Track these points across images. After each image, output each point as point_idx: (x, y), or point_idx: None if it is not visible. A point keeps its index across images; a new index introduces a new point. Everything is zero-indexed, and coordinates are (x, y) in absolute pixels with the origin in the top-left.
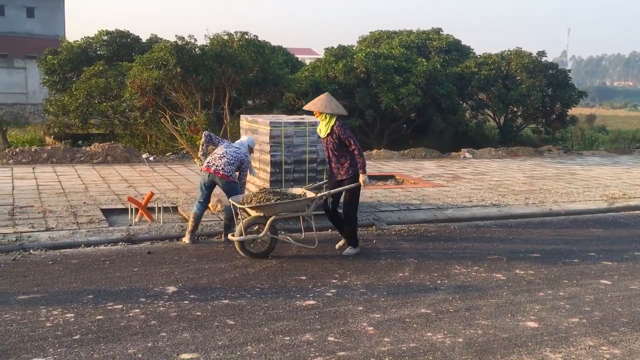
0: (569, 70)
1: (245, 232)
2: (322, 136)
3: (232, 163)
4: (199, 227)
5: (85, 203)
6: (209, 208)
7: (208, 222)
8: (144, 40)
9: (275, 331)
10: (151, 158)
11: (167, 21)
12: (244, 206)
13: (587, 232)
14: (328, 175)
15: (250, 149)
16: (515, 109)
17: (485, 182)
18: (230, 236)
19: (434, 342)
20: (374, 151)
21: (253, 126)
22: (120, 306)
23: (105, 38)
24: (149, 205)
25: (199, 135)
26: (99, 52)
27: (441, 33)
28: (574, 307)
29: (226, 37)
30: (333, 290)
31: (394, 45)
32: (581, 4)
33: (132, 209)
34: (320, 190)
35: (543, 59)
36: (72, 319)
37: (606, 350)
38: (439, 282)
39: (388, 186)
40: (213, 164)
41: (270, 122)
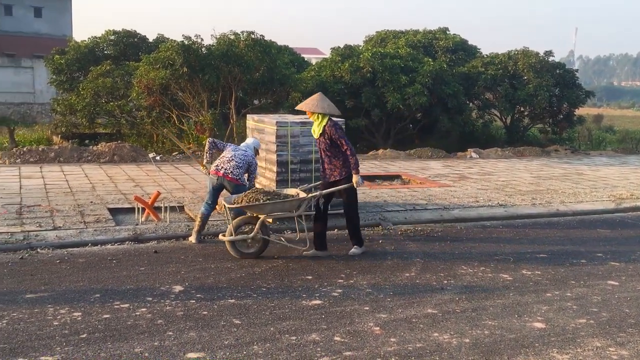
0: (576, 70)
1: (235, 232)
2: (315, 137)
3: (241, 166)
4: (205, 227)
5: (92, 202)
6: (215, 208)
7: (214, 222)
8: (151, 40)
9: (281, 331)
10: (158, 157)
11: (174, 21)
12: (233, 206)
13: (595, 233)
14: (321, 176)
15: (256, 151)
16: (522, 109)
17: (491, 182)
18: (221, 236)
19: (441, 343)
20: (380, 151)
21: (259, 126)
22: (127, 305)
23: (112, 38)
24: (156, 204)
25: (205, 134)
26: (106, 52)
27: (448, 33)
28: (581, 308)
29: (233, 37)
30: (339, 290)
31: (400, 44)
32: (589, 4)
33: (139, 209)
34: (314, 191)
35: (550, 59)
36: (79, 318)
37: (613, 351)
38: (446, 283)
39: (394, 186)
40: (222, 168)
41: (276, 122)
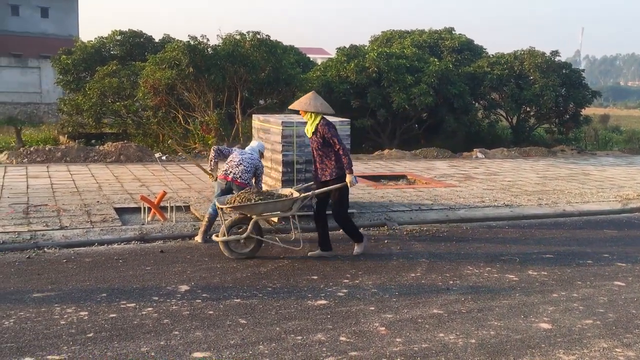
0: (583, 70)
1: (228, 233)
2: (308, 136)
3: (249, 170)
4: (212, 227)
5: (98, 202)
6: None
7: (220, 222)
8: (157, 40)
9: (287, 330)
10: (164, 157)
11: (180, 22)
12: (225, 206)
13: (601, 233)
14: (313, 176)
15: (260, 154)
16: (528, 109)
17: (497, 183)
18: (214, 237)
19: (446, 343)
20: (386, 151)
21: (265, 126)
22: (133, 305)
23: (118, 38)
24: (162, 204)
25: (211, 134)
26: (113, 52)
27: (453, 33)
28: (588, 309)
29: (238, 37)
30: (345, 290)
31: (406, 44)
32: (595, 3)
33: (145, 208)
34: (309, 191)
35: (556, 59)
36: (86, 317)
37: (620, 352)
38: (451, 283)
39: (400, 186)
40: (231, 172)
41: (282, 122)
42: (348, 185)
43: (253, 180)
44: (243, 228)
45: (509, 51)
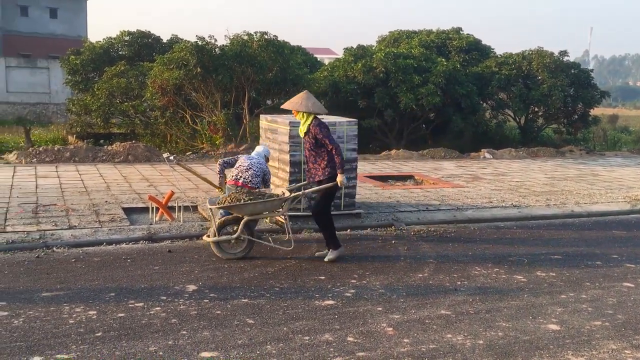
0: (591, 69)
1: (219, 233)
2: (301, 136)
3: (258, 175)
4: None
5: (107, 202)
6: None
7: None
8: (165, 40)
9: (294, 331)
10: (172, 157)
11: (188, 22)
12: (214, 206)
13: (610, 234)
14: (307, 176)
15: (266, 159)
16: (536, 109)
17: (505, 183)
18: (205, 237)
19: (454, 344)
20: (393, 151)
21: (272, 126)
22: (141, 304)
23: (126, 38)
24: (170, 204)
25: (219, 134)
26: (121, 53)
27: (461, 32)
28: (597, 310)
29: (246, 37)
30: (352, 290)
31: (414, 45)
32: (604, 3)
33: (153, 208)
34: (303, 190)
35: (565, 59)
36: (95, 316)
37: (629, 354)
38: (459, 284)
39: (407, 186)
40: (241, 177)
41: (289, 122)
42: (339, 184)
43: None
44: (234, 228)
45: (517, 51)
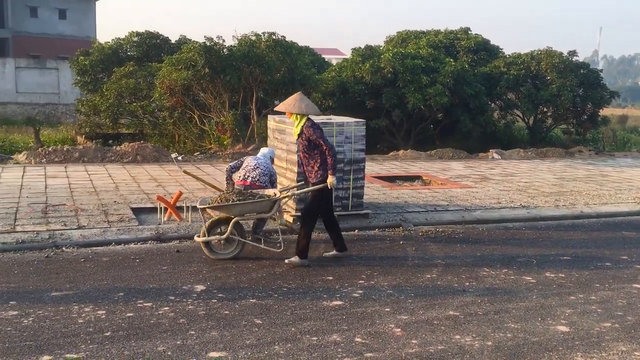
0: (601, 70)
1: (208, 233)
2: (295, 138)
3: (266, 174)
4: None
5: (115, 202)
6: None
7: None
8: (173, 41)
9: (302, 331)
10: (180, 157)
11: (196, 22)
12: (203, 206)
13: (619, 235)
14: (302, 178)
15: (272, 160)
16: (545, 110)
17: (514, 184)
18: (195, 237)
19: (463, 345)
20: (401, 152)
21: (280, 126)
22: (150, 304)
23: (135, 39)
24: (178, 204)
25: (226, 135)
26: (129, 53)
27: (469, 33)
28: (606, 312)
29: (254, 38)
30: (360, 291)
31: (422, 45)
32: (613, 2)
33: (161, 208)
34: (292, 192)
35: (574, 59)
36: (103, 316)
37: (639, 355)
38: (467, 285)
39: (415, 187)
40: (248, 176)
41: None
42: (328, 186)
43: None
44: (223, 229)
45: (526, 51)
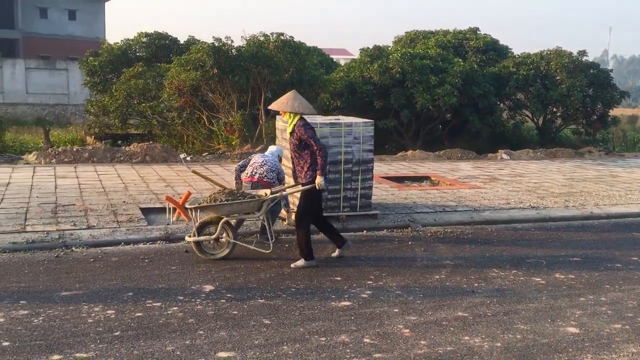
0: (611, 69)
1: (199, 233)
2: (288, 137)
3: (273, 170)
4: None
5: (124, 202)
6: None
7: (244, 222)
8: (182, 41)
9: (310, 331)
10: (188, 158)
11: (205, 22)
12: (191, 206)
13: (630, 236)
14: (293, 177)
15: (279, 158)
16: (554, 110)
17: (523, 184)
18: (187, 237)
19: (472, 346)
20: (409, 152)
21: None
22: (159, 304)
23: (144, 40)
24: (186, 204)
25: (235, 135)
26: (138, 54)
27: (478, 33)
28: (617, 313)
29: (262, 38)
30: (368, 291)
31: (430, 45)
32: (623, 2)
33: (170, 208)
34: (280, 192)
35: (584, 59)
36: (113, 316)
37: None
38: (476, 285)
39: (423, 187)
40: (256, 173)
41: None
42: (317, 187)
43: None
44: (213, 229)
45: (535, 51)
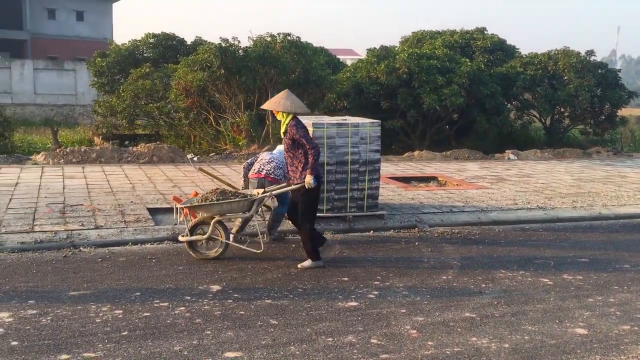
0: (619, 69)
1: (191, 233)
2: (282, 136)
3: (280, 167)
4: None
5: (132, 202)
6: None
7: (251, 222)
8: (189, 42)
9: (317, 332)
10: (195, 159)
11: (212, 21)
12: (180, 205)
13: (638, 237)
14: (287, 178)
15: None
16: (562, 110)
17: (530, 185)
18: (180, 237)
19: (479, 347)
20: (416, 152)
21: None
22: (166, 304)
23: (151, 41)
24: None
25: (242, 135)
26: (146, 55)
27: (485, 32)
28: (625, 314)
29: (269, 39)
30: (375, 292)
31: (437, 45)
32: (632, 1)
33: (177, 209)
34: (270, 192)
35: (592, 59)
36: (120, 316)
37: None
38: (484, 286)
39: (430, 188)
40: (263, 169)
41: (312, 124)
42: (306, 186)
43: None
44: (205, 228)
45: (543, 51)
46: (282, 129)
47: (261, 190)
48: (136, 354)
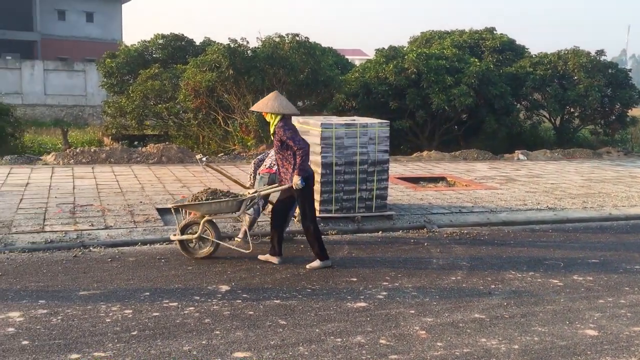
0: (629, 69)
1: (182, 233)
2: (272, 138)
3: None
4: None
5: (141, 202)
6: (264, 208)
7: (260, 222)
8: (198, 43)
9: (326, 332)
10: (204, 159)
11: (221, 21)
12: (169, 205)
13: None
14: (277, 180)
15: None
16: (572, 110)
17: (540, 185)
18: (171, 236)
19: (489, 348)
20: (425, 152)
21: (304, 127)
22: (175, 304)
23: (160, 41)
24: None
25: (250, 136)
26: (155, 55)
27: (494, 32)
28: (636, 316)
29: (277, 39)
30: (384, 292)
31: (446, 45)
32: None
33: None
34: (258, 192)
35: (602, 58)
36: (130, 315)
37: None
38: (493, 287)
39: (439, 188)
40: (274, 165)
41: (321, 124)
42: (293, 186)
43: None
44: (196, 228)
45: (552, 51)
46: (272, 130)
47: (252, 190)
48: (146, 354)
